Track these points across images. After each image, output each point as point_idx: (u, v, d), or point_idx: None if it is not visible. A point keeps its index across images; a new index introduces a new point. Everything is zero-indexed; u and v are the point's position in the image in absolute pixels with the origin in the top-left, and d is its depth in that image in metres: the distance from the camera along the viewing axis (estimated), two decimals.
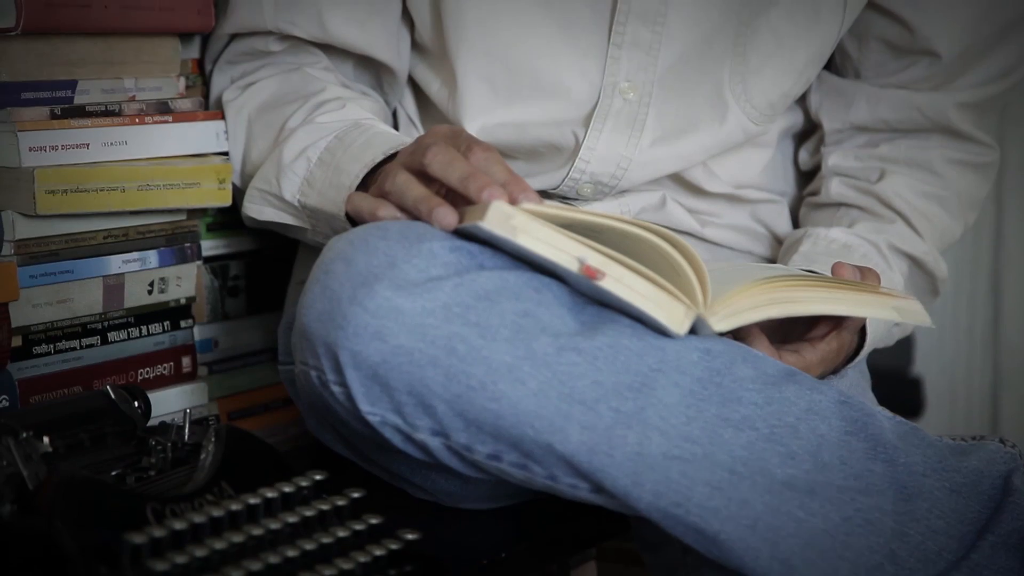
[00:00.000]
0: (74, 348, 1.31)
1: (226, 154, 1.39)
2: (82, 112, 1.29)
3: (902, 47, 1.45)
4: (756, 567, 1.08)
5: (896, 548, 1.09)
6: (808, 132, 1.54)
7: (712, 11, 1.36)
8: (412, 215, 1.13)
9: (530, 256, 1.09)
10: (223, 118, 1.39)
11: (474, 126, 1.38)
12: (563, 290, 1.11)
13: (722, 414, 1.09)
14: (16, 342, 1.26)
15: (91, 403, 1.19)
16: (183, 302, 1.39)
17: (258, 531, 1.02)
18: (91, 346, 1.32)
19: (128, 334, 1.35)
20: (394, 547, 1.06)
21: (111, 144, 1.30)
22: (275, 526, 1.04)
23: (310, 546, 1.03)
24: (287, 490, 1.07)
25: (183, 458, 1.15)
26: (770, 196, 1.49)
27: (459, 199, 1.12)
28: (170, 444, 1.16)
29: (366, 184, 1.24)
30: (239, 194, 1.38)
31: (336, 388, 1.10)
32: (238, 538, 1.01)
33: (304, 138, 1.31)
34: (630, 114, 1.37)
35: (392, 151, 1.24)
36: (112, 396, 1.19)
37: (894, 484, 1.11)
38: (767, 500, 1.08)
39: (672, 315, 1.08)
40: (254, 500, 1.05)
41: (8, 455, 1.05)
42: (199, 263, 1.40)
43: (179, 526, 0.99)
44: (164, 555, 0.97)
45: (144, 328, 1.37)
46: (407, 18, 1.41)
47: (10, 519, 1.01)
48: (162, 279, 1.37)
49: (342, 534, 1.06)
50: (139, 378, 1.35)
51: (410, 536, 1.07)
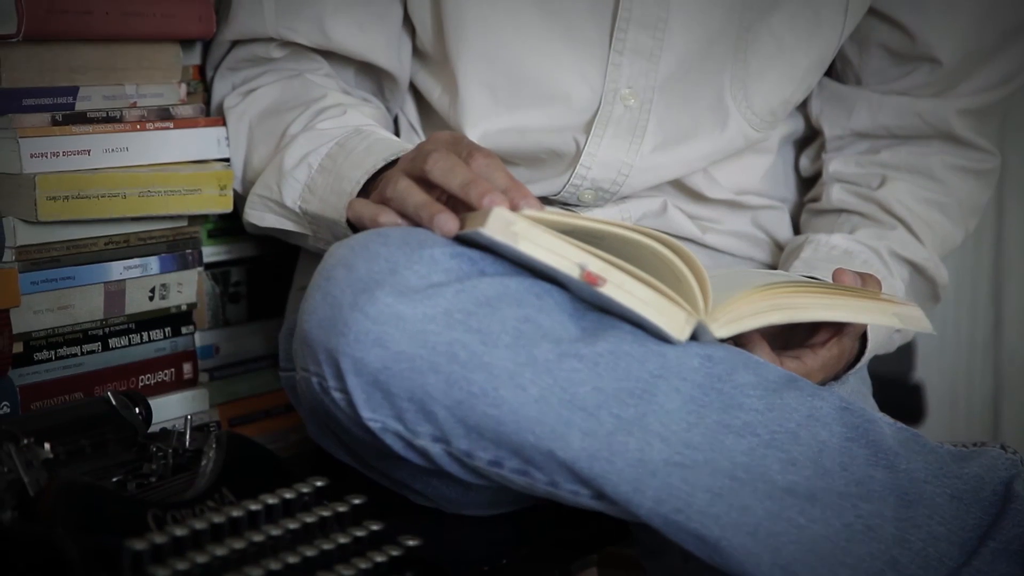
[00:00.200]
0: (75, 354, 1.31)
1: (227, 160, 1.39)
2: (83, 118, 1.29)
3: (903, 53, 1.45)
4: (757, 573, 1.08)
5: (897, 554, 1.09)
6: (809, 138, 1.54)
7: (713, 18, 1.36)
8: (413, 221, 1.13)
9: (531, 262, 1.09)
10: (224, 124, 1.39)
11: (475, 132, 1.38)
12: (564, 296, 1.11)
13: (723, 420, 1.09)
14: (17, 348, 1.26)
15: (92, 409, 1.19)
16: (184, 308, 1.39)
17: (259, 537, 1.02)
18: (92, 352, 1.32)
19: (129, 340, 1.35)
20: (395, 553, 1.06)
21: (112, 150, 1.30)
22: (276, 532, 1.04)
23: (311, 552, 1.03)
24: (288, 496, 1.07)
25: (184, 464, 1.15)
26: (771, 202, 1.49)
27: (460, 205, 1.12)
28: (171, 450, 1.16)
29: (367, 190, 1.24)
30: (240, 200, 1.38)
31: (337, 394, 1.10)
32: (239, 544, 1.01)
33: (305, 144, 1.31)
34: (631, 120, 1.37)
35: (393, 157, 1.24)
36: (113, 402, 1.19)
37: (895, 490, 1.11)
38: (768, 506, 1.08)
39: (673, 321, 1.08)
40: (255, 506, 1.05)
41: (9, 461, 1.05)
42: (200, 269, 1.40)
43: (180, 532, 0.99)
44: (165, 561, 0.97)
45: (145, 334, 1.36)
46: (408, 25, 1.41)
47: (11, 525, 1.01)
48: (163, 285, 1.37)
49: (343, 540, 1.06)
50: (140, 384, 1.35)
51: (411, 542, 1.07)
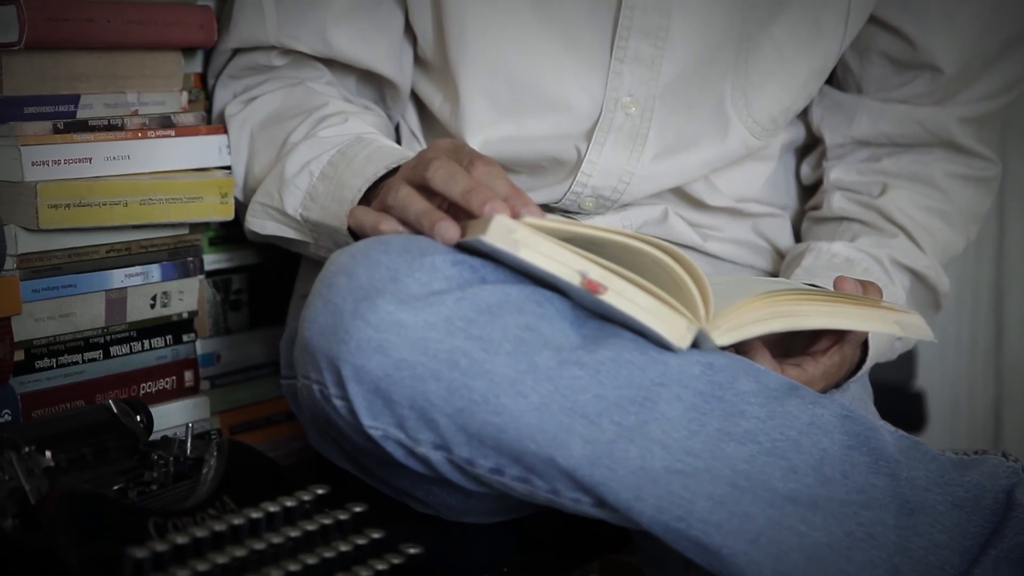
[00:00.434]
0: (76, 362, 1.31)
1: (228, 168, 1.39)
2: (85, 126, 1.29)
3: (904, 62, 1.45)
4: None
5: (899, 562, 1.09)
6: (810, 146, 1.54)
7: (714, 26, 1.36)
8: (414, 229, 1.13)
9: (532, 270, 1.09)
10: (226, 132, 1.39)
11: (476, 140, 1.38)
12: (565, 304, 1.11)
13: (724, 428, 1.09)
14: (18, 356, 1.26)
15: (93, 417, 1.19)
16: (185, 316, 1.39)
17: (260, 545, 1.02)
18: (93, 360, 1.32)
19: (130, 348, 1.35)
20: (396, 561, 1.06)
21: (114, 158, 1.30)
22: (277, 540, 1.04)
23: (312, 560, 1.03)
24: (289, 504, 1.07)
25: (185, 472, 1.15)
26: (772, 210, 1.49)
27: (461, 213, 1.12)
28: (172, 458, 1.16)
29: (368, 198, 1.24)
30: (241, 208, 1.38)
31: (338, 402, 1.10)
32: (240, 552, 1.01)
33: (306, 152, 1.31)
34: (632, 128, 1.37)
35: (394, 165, 1.24)
36: (114, 410, 1.19)
37: (896, 498, 1.11)
38: (769, 514, 1.08)
39: (674, 329, 1.08)
40: (256, 514, 1.05)
41: (10, 469, 1.05)
42: (201, 277, 1.40)
43: (181, 540, 0.99)
44: (166, 569, 0.97)
45: (146, 342, 1.36)
46: (410, 33, 1.41)
47: (12, 533, 1.01)
48: (164, 293, 1.37)
49: (344, 548, 1.06)
50: (141, 392, 1.35)
51: (412, 550, 1.07)
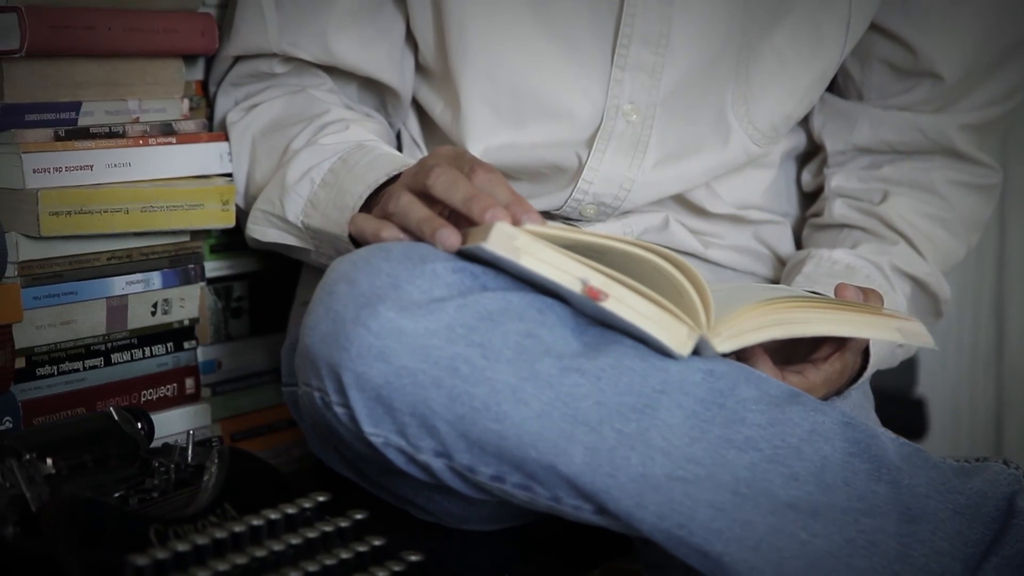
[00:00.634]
0: (77, 369, 1.31)
1: (230, 175, 1.39)
2: (86, 134, 1.29)
3: (905, 69, 1.45)
4: None
5: (900, 570, 1.09)
6: (811, 153, 1.54)
7: (715, 34, 1.36)
8: (415, 236, 1.13)
9: (533, 277, 1.09)
10: (227, 139, 1.39)
11: (477, 147, 1.38)
12: (566, 311, 1.11)
13: (726, 435, 1.09)
14: (19, 363, 1.26)
15: (94, 424, 1.19)
16: (186, 323, 1.39)
17: (261, 553, 1.02)
18: (94, 367, 1.32)
19: (131, 355, 1.35)
20: (397, 569, 1.06)
21: (115, 165, 1.30)
22: (278, 548, 1.03)
23: (313, 568, 1.03)
24: (290, 511, 1.07)
25: (186, 479, 1.15)
26: (773, 217, 1.49)
27: (462, 220, 1.12)
28: (173, 465, 1.16)
29: (369, 205, 1.24)
30: (243, 215, 1.38)
31: (339, 409, 1.10)
32: (241, 560, 1.01)
33: (308, 159, 1.31)
34: (633, 136, 1.37)
35: (395, 172, 1.24)
36: (115, 417, 1.19)
37: (898, 506, 1.11)
38: (771, 521, 1.08)
39: (675, 336, 1.08)
40: (257, 522, 1.05)
41: (11, 476, 1.05)
42: (202, 284, 1.40)
43: (182, 548, 0.99)
44: None
45: (147, 349, 1.36)
46: (411, 41, 1.41)
47: (13, 541, 1.01)
48: (165, 300, 1.37)
49: (345, 556, 1.05)
50: (142, 399, 1.35)
51: (413, 558, 1.07)
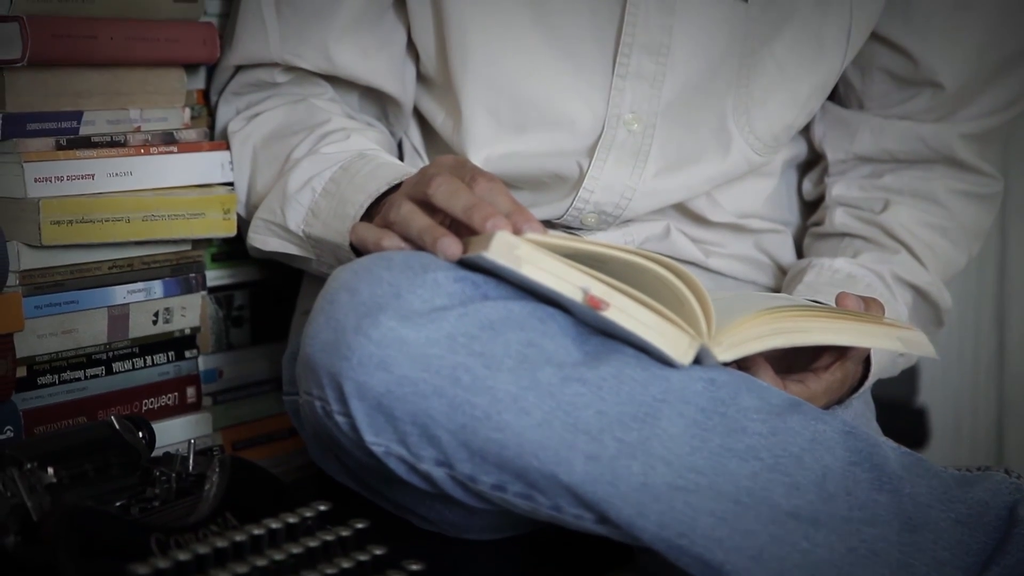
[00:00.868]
0: (79, 378, 1.31)
1: (231, 184, 1.39)
2: (87, 143, 1.29)
3: (906, 78, 1.45)
4: None
5: None
6: (812, 162, 1.54)
7: (716, 43, 1.36)
8: (416, 245, 1.13)
9: (534, 286, 1.09)
10: (228, 148, 1.39)
11: (478, 157, 1.38)
12: (567, 320, 1.11)
13: (727, 444, 1.09)
14: (21, 372, 1.26)
15: (95, 433, 1.18)
16: (188, 332, 1.39)
17: (262, 562, 1.02)
18: (96, 376, 1.32)
19: (133, 364, 1.35)
20: None
21: (116, 175, 1.30)
22: (279, 557, 1.03)
23: None
24: (291, 521, 1.07)
25: (187, 488, 1.15)
26: (774, 226, 1.49)
27: (463, 229, 1.12)
28: (174, 474, 1.16)
29: (371, 214, 1.24)
30: (244, 224, 1.38)
31: (340, 418, 1.10)
32: (242, 569, 1.00)
33: (309, 168, 1.32)
34: (634, 145, 1.37)
35: (396, 181, 1.24)
36: (116, 426, 1.19)
37: (899, 515, 1.10)
38: (772, 531, 1.08)
39: (676, 345, 1.08)
40: (258, 531, 1.05)
41: (12, 486, 1.05)
42: (204, 293, 1.40)
43: (183, 557, 0.99)
44: None
45: (148, 358, 1.36)
46: (412, 50, 1.41)
47: (15, 550, 1.01)
48: (167, 309, 1.37)
49: (346, 565, 1.05)
50: (143, 408, 1.35)
51: (414, 567, 1.07)
